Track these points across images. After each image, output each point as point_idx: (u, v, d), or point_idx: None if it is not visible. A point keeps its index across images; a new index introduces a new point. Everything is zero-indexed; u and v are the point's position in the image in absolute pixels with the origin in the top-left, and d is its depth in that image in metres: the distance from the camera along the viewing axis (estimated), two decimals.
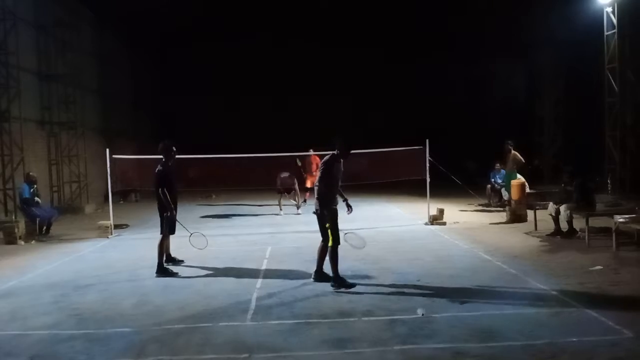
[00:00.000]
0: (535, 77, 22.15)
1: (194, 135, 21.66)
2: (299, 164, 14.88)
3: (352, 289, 6.18)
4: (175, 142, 7.76)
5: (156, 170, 7.48)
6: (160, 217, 7.54)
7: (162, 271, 7.26)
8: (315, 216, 6.47)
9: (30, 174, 11.63)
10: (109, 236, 10.70)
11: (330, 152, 6.49)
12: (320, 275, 6.52)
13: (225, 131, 23.16)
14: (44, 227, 11.00)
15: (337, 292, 6.12)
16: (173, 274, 7.24)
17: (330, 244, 6.30)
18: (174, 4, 19.09)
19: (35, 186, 11.22)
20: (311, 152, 14.66)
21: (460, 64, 23.37)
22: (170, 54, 25.00)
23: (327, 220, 6.28)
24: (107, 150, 11.27)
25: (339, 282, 6.28)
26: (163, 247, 7.51)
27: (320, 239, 6.44)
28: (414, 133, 13.36)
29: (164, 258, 7.52)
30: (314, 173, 14.15)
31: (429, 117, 22.97)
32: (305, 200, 15.22)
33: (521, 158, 13.47)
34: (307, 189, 15.49)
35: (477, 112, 23.84)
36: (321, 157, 14.46)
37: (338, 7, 22.43)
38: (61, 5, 16.13)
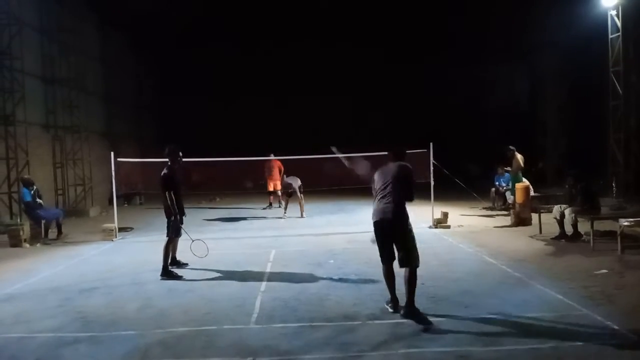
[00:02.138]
0: (538, 80, 22.12)
1: (197, 137, 21.72)
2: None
3: (359, 293, 6.14)
4: (180, 146, 7.80)
5: (162, 174, 7.52)
6: (167, 219, 7.57)
7: (166, 274, 7.28)
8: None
9: (25, 177, 11.49)
10: (114, 239, 10.73)
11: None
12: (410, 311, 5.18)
13: (226, 133, 23.24)
14: (55, 229, 10.99)
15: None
16: (177, 277, 7.25)
17: (415, 263, 5.28)
18: (176, 6, 19.19)
19: (34, 187, 11.04)
20: (272, 157, 14.62)
21: (462, 65, 23.38)
22: (172, 57, 25.07)
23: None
24: (112, 153, 11.31)
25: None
26: (169, 250, 7.53)
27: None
28: (415, 133, 13.35)
29: (169, 261, 7.54)
30: (276, 177, 14.24)
31: (430, 118, 22.96)
32: (270, 204, 15.22)
33: (520, 163, 13.41)
34: (270, 193, 15.60)
35: (478, 114, 23.82)
36: (282, 161, 14.65)
37: (338, 7, 22.49)
38: (65, 10, 16.22)
